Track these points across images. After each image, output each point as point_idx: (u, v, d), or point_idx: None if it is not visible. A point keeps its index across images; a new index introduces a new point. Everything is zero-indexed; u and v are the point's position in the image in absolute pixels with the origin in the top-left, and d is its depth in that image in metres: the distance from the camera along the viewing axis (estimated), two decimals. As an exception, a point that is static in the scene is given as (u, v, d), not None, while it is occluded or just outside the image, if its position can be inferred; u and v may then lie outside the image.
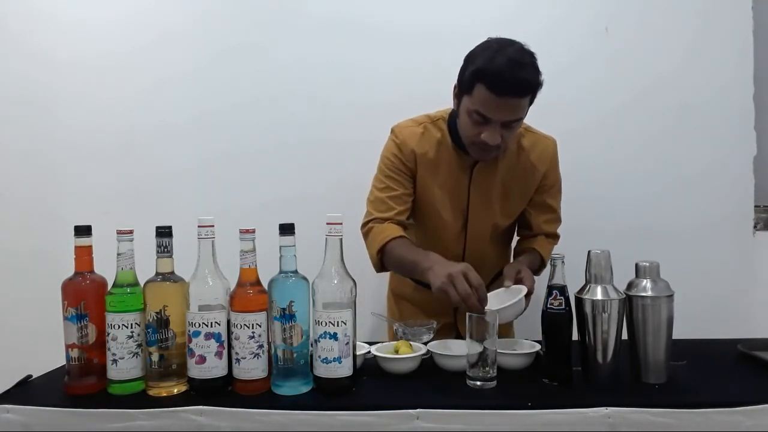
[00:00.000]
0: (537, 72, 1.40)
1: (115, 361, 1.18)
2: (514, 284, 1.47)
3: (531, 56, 1.41)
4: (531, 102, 1.45)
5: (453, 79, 1.51)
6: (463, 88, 1.46)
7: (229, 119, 2.23)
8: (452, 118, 1.60)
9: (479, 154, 1.53)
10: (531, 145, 1.64)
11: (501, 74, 1.36)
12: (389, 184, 1.62)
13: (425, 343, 1.40)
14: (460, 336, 1.63)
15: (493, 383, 1.20)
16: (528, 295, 1.43)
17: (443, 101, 1.59)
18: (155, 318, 1.18)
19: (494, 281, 1.74)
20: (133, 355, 1.18)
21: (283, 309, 1.16)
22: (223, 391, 1.18)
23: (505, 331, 1.72)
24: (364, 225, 1.63)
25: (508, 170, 1.62)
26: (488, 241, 1.69)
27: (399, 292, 1.84)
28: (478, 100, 1.41)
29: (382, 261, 1.58)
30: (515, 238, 1.83)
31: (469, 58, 1.45)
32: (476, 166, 1.61)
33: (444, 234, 1.68)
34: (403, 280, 1.81)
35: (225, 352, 1.19)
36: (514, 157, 1.62)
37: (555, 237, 1.76)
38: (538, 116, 1.75)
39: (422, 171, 1.62)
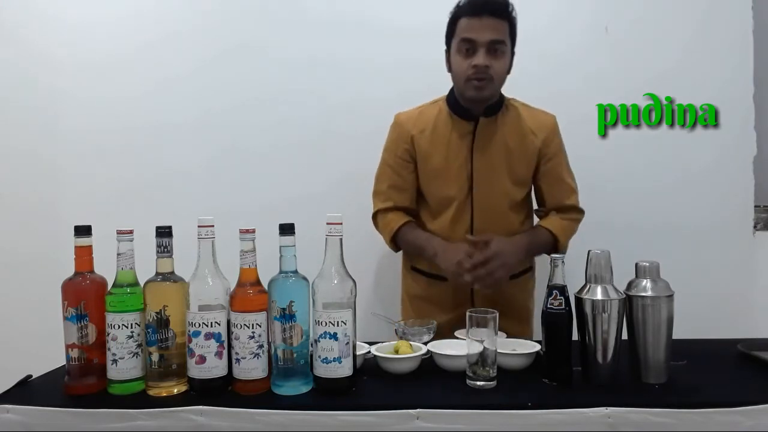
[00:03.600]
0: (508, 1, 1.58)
1: (115, 361, 1.18)
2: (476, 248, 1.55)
3: None
4: (512, 34, 1.61)
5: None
6: (449, 38, 1.63)
7: (229, 119, 2.23)
8: (451, 93, 1.69)
9: (474, 89, 1.59)
10: (530, 115, 1.72)
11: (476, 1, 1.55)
12: (390, 173, 1.73)
13: (425, 343, 1.40)
14: None
15: (493, 383, 1.20)
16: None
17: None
18: (155, 318, 1.18)
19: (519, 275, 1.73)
20: (133, 355, 1.18)
21: (283, 309, 1.16)
22: (223, 391, 1.18)
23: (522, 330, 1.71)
24: (373, 216, 1.76)
25: (509, 134, 1.68)
26: (497, 211, 1.68)
27: (414, 293, 1.82)
28: (462, 31, 1.57)
29: (398, 247, 1.77)
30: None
31: (450, 13, 1.61)
32: (477, 130, 1.66)
33: (450, 204, 1.68)
34: (416, 280, 1.80)
35: (225, 352, 1.19)
36: (515, 122, 1.69)
37: (570, 210, 1.74)
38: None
39: (421, 144, 1.69)
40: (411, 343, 1.37)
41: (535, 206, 1.82)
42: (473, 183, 1.67)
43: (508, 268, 1.56)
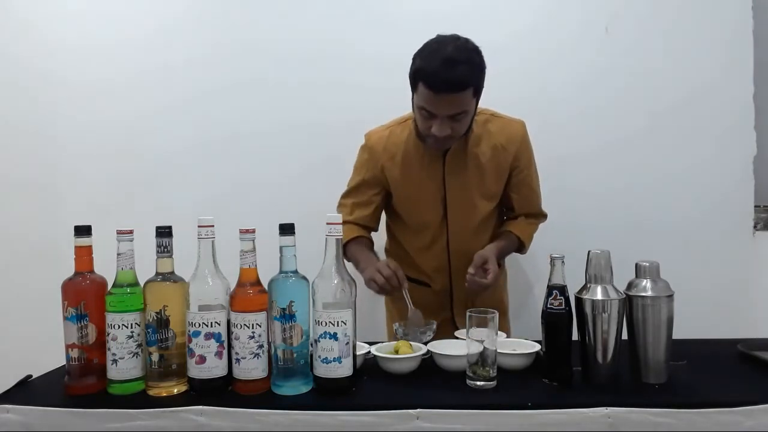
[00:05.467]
0: (472, 68, 1.46)
1: (115, 361, 1.18)
2: (477, 274, 1.55)
3: (468, 52, 1.46)
4: (477, 94, 1.51)
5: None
6: (411, 85, 1.53)
7: (231, 120, 2.23)
8: None
9: (434, 144, 1.59)
10: (499, 129, 1.68)
11: (436, 74, 1.43)
12: (354, 191, 1.75)
13: (425, 343, 1.40)
14: (457, 329, 1.64)
15: (493, 383, 1.20)
16: (487, 285, 1.57)
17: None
18: (155, 318, 1.18)
19: None
20: (133, 355, 1.18)
21: (283, 309, 1.16)
22: (223, 391, 1.18)
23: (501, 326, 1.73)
24: None
25: (481, 153, 1.66)
26: (471, 229, 1.72)
27: (396, 295, 1.84)
28: (421, 97, 1.49)
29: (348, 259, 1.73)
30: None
31: (414, 57, 1.51)
32: (447, 154, 1.65)
33: (426, 229, 1.72)
34: None
35: (225, 352, 1.19)
36: (485, 139, 1.66)
37: (538, 216, 1.81)
38: (538, 117, 1.76)
39: (393, 173, 1.68)
40: (411, 343, 1.37)
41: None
42: (447, 206, 1.69)
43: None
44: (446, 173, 1.66)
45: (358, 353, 1.25)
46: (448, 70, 1.42)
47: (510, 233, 1.75)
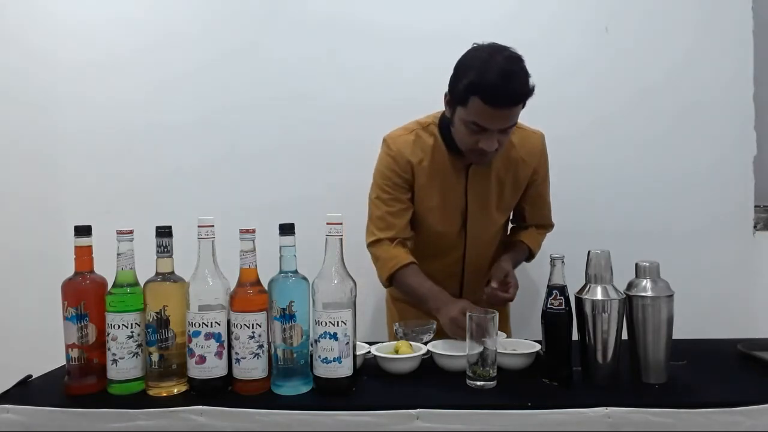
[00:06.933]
0: (528, 78, 1.40)
1: (115, 361, 1.18)
2: (500, 289, 1.54)
3: (520, 62, 1.41)
4: (524, 105, 1.45)
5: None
6: (456, 98, 1.46)
7: (229, 119, 2.23)
8: (443, 122, 1.60)
9: (478, 159, 1.55)
10: (520, 140, 1.65)
11: (496, 88, 1.36)
12: (388, 200, 1.63)
13: (425, 343, 1.40)
14: None
15: (493, 383, 1.20)
16: (510, 299, 1.58)
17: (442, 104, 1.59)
18: (155, 318, 1.18)
19: None
20: (133, 355, 1.19)
21: (283, 309, 1.16)
22: (223, 391, 1.18)
23: (501, 327, 1.73)
24: (370, 244, 1.65)
25: (501, 166, 1.64)
26: (487, 241, 1.72)
27: (396, 296, 1.85)
28: (473, 111, 1.41)
29: (391, 284, 1.65)
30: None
31: (460, 70, 1.44)
32: (471, 167, 1.63)
33: (444, 238, 1.70)
34: None
35: (225, 352, 1.19)
36: (506, 153, 1.63)
37: (547, 227, 1.82)
38: (538, 117, 1.75)
39: (420, 179, 1.63)
40: (411, 343, 1.37)
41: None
42: (467, 219, 1.67)
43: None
44: (468, 185, 1.64)
45: (358, 353, 1.25)
46: (507, 84, 1.36)
47: (522, 243, 1.75)
